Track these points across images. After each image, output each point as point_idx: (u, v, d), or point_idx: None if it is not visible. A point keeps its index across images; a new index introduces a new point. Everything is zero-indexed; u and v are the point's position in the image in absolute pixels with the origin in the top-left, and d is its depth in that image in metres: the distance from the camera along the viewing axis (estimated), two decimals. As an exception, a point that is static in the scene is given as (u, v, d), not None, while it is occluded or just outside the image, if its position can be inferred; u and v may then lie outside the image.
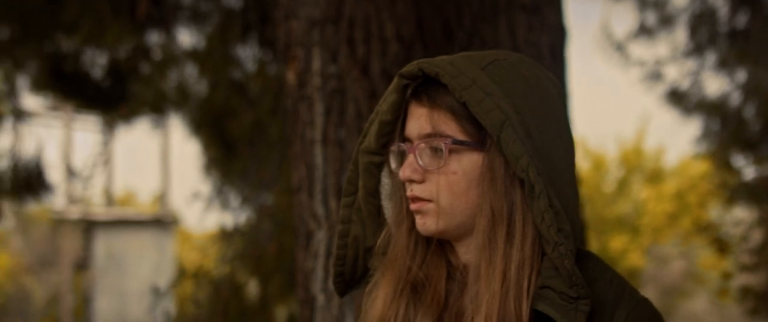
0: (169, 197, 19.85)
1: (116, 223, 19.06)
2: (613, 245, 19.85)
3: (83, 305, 19.02)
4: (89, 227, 18.63)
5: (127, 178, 54.60)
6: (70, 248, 19.13)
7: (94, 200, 20.31)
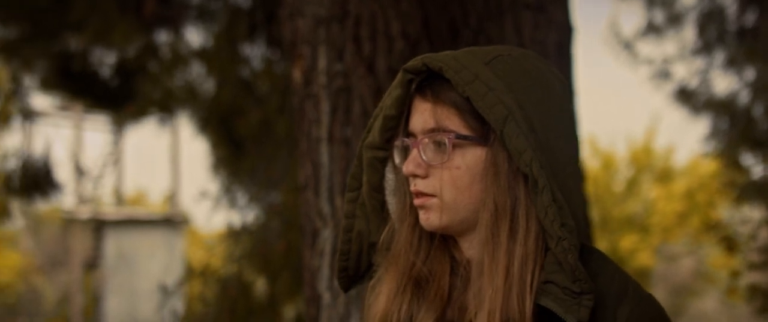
0: (179, 197, 19.87)
1: (126, 222, 19.08)
2: (623, 244, 19.81)
3: (93, 304, 19.04)
4: (99, 226, 18.65)
5: (138, 178, 54.71)
6: (81, 248, 19.16)
7: (105, 199, 20.34)
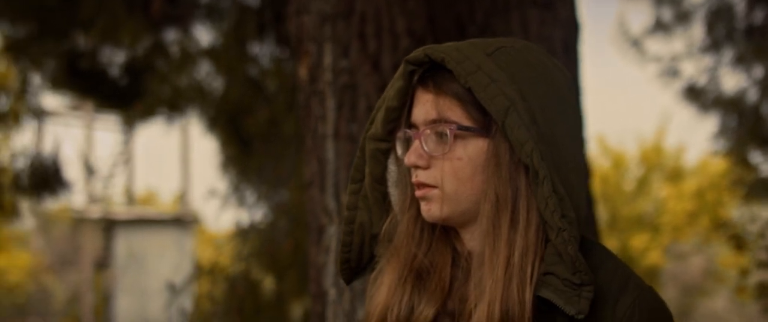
0: (189, 196, 19.89)
1: (137, 222, 19.10)
2: (633, 243, 19.77)
3: (104, 304, 19.06)
4: (110, 226, 18.67)
5: (148, 177, 54.75)
6: (91, 248, 19.19)
7: (115, 199, 20.36)
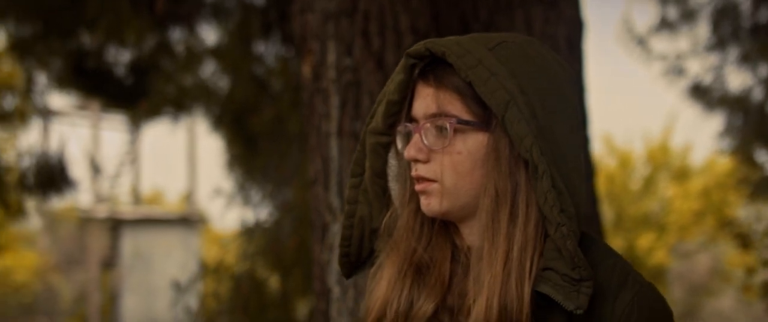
0: (196, 196, 19.90)
1: (143, 222, 19.11)
2: (640, 242, 19.72)
3: (110, 303, 19.08)
4: (116, 225, 18.69)
5: (154, 176, 54.81)
6: (98, 247, 19.20)
7: (122, 198, 20.38)
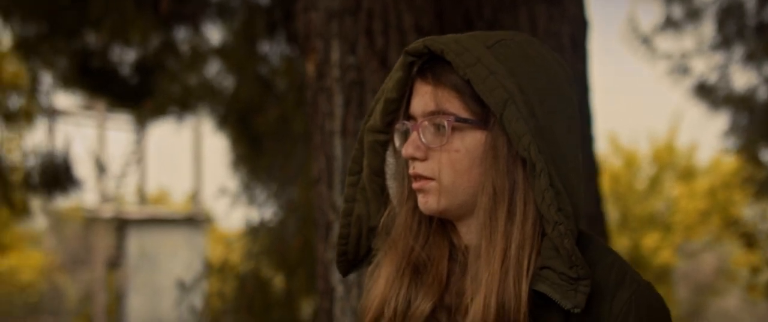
0: (201, 195, 19.91)
1: (149, 221, 19.13)
2: (645, 242, 19.71)
3: (116, 303, 19.10)
4: (122, 225, 18.71)
5: (160, 176, 54.85)
6: (103, 247, 19.22)
7: (127, 198, 20.41)
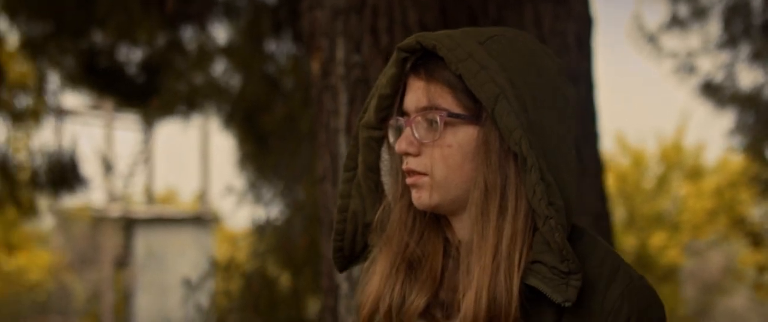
0: (209, 195, 19.94)
1: (156, 221, 19.17)
2: (653, 241, 19.70)
3: (124, 302, 19.16)
4: (130, 224, 18.75)
5: (168, 176, 54.85)
6: (111, 246, 19.28)
7: (135, 197, 20.45)
